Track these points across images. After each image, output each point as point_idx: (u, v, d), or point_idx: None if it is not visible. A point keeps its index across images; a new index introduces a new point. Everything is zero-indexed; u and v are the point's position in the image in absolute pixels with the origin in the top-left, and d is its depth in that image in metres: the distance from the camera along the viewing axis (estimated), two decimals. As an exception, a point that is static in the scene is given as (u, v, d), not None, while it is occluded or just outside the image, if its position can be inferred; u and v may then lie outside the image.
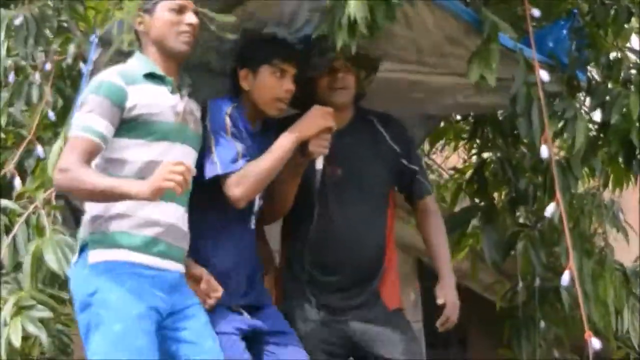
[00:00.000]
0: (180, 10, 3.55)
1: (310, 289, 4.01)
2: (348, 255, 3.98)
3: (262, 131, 3.84)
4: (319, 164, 3.83)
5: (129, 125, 3.44)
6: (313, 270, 4.00)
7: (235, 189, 3.63)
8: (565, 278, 3.87)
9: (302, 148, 3.76)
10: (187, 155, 3.52)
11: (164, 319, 3.45)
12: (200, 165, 3.62)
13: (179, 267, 3.52)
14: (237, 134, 3.69)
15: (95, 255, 3.41)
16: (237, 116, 3.74)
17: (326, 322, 3.97)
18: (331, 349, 3.96)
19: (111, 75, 3.45)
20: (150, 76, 3.51)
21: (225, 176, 3.62)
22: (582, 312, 3.82)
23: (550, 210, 3.98)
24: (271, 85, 3.78)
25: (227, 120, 3.70)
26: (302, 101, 3.92)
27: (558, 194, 3.94)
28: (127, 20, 3.64)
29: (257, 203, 3.84)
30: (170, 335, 3.46)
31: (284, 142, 3.71)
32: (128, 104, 3.43)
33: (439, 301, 4.01)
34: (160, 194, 3.19)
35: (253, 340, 3.76)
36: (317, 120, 3.76)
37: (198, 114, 3.66)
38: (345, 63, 3.93)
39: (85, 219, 3.47)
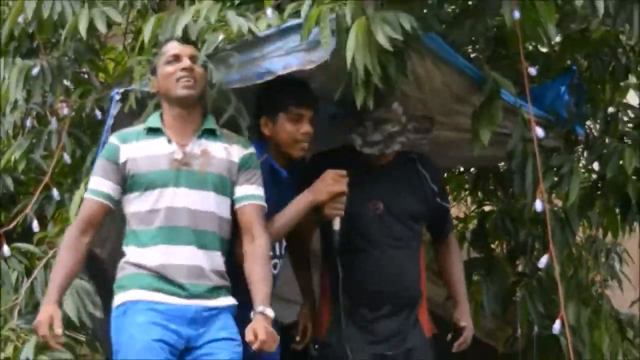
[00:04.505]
0: (176, 58, 3.80)
1: (354, 319, 4.20)
2: (393, 284, 4.19)
3: (291, 172, 4.08)
4: (336, 224, 4.04)
5: (129, 182, 3.77)
6: (358, 301, 4.19)
7: None
8: (556, 326, 4.00)
9: (318, 209, 3.99)
10: (181, 197, 3.73)
11: (183, 352, 3.67)
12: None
13: (200, 303, 3.70)
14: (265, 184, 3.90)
15: (117, 299, 3.74)
16: (269, 165, 3.99)
17: (369, 352, 4.17)
18: None
19: (112, 136, 3.85)
20: (151, 130, 3.78)
21: None
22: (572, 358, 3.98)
23: (543, 261, 4.13)
24: (289, 130, 4.02)
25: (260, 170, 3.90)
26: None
27: (552, 247, 4.07)
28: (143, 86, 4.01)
29: (278, 248, 4.13)
30: None
31: (299, 206, 3.99)
32: (121, 160, 3.77)
33: (462, 324, 4.30)
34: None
35: None
36: (329, 187, 3.98)
37: (223, 152, 3.84)
38: None
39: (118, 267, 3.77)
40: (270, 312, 3.67)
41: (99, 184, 3.76)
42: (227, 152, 3.82)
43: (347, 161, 4.10)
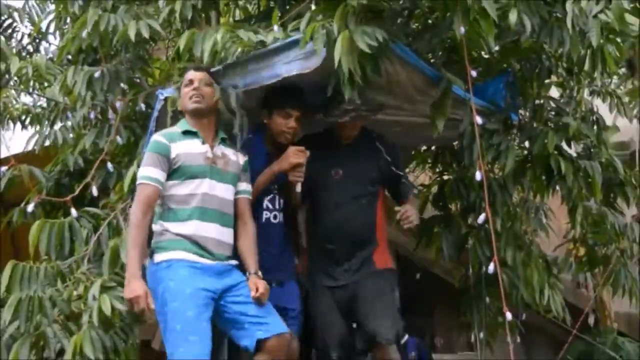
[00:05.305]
0: (190, 82, 4.10)
1: (319, 263, 4.38)
2: (344, 228, 4.33)
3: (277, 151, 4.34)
4: (298, 187, 4.28)
5: (173, 171, 3.99)
6: (324, 244, 4.37)
7: None
8: (491, 267, 4.11)
9: (287, 175, 4.26)
10: (213, 187, 3.99)
11: (221, 295, 3.90)
12: None
13: (223, 263, 3.96)
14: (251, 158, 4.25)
15: (159, 257, 3.97)
16: (253, 144, 4.27)
17: (331, 282, 4.32)
18: (334, 304, 4.31)
19: (158, 136, 4.07)
20: (187, 133, 4.06)
21: None
22: (501, 292, 4.02)
23: (481, 218, 4.23)
24: (279, 123, 4.32)
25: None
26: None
27: (487, 208, 4.10)
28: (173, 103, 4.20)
29: (278, 203, 4.33)
30: (231, 300, 3.93)
31: (269, 173, 4.26)
32: (172, 155, 3.98)
33: (399, 214, 4.27)
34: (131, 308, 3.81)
35: None
36: (291, 159, 4.23)
37: (234, 157, 4.12)
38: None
39: (154, 232, 4.01)
40: (260, 274, 4.00)
41: (153, 173, 3.95)
42: (236, 156, 4.18)
43: (322, 141, 4.35)
